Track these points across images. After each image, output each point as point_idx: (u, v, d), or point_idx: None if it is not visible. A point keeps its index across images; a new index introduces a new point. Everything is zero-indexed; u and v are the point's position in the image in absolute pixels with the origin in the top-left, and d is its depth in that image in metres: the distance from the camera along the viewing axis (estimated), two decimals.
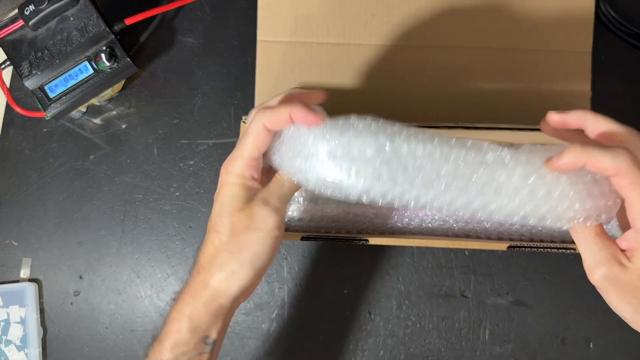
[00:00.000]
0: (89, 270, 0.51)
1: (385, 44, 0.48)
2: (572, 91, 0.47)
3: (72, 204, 0.52)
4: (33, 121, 0.53)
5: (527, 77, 0.48)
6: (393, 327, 0.49)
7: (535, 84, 0.47)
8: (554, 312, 0.49)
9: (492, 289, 0.49)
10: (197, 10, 0.54)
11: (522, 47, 0.47)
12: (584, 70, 0.47)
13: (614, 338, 0.48)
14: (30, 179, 0.52)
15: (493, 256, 0.49)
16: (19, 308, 0.50)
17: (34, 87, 0.46)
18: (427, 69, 0.48)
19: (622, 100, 0.51)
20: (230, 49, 0.53)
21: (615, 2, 0.52)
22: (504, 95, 0.47)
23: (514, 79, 0.48)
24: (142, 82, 0.53)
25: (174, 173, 0.52)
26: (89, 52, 0.47)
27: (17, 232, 0.52)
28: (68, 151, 0.53)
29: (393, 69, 0.48)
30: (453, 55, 0.48)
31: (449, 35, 0.48)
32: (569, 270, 0.49)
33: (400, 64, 0.48)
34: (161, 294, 0.51)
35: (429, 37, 0.48)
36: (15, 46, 0.46)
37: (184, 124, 0.52)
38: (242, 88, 0.52)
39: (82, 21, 0.46)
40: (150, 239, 0.51)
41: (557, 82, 0.47)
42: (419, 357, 0.49)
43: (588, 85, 0.47)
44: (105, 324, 0.51)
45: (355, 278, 0.50)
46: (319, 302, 0.50)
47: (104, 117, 0.53)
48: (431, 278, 0.49)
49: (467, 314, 0.49)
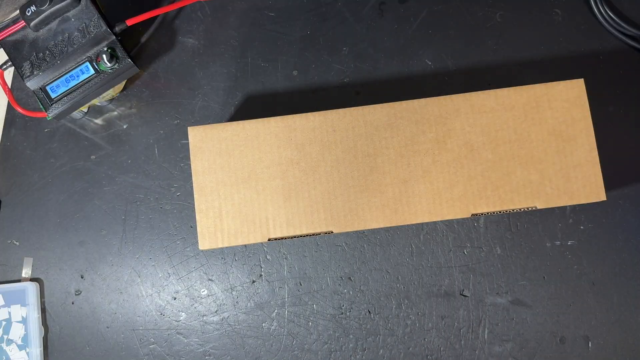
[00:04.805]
0: (90, 270, 0.51)
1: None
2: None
3: (74, 204, 0.52)
4: (34, 121, 0.53)
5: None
6: (392, 326, 0.49)
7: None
8: (552, 311, 0.49)
9: (491, 288, 0.49)
10: (197, 11, 0.54)
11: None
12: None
13: (612, 337, 0.48)
14: (32, 179, 0.53)
15: (492, 255, 0.50)
16: (20, 307, 0.50)
17: (35, 87, 0.47)
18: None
19: (621, 102, 0.51)
20: (231, 49, 0.54)
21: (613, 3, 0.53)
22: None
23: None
24: (143, 82, 0.54)
25: (175, 173, 0.52)
26: (90, 53, 0.47)
27: (19, 232, 0.52)
28: (69, 151, 0.53)
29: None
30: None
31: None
32: (567, 269, 0.49)
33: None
34: (162, 293, 0.51)
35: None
36: (16, 47, 0.46)
37: (185, 124, 0.53)
38: (242, 88, 0.53)
39: (84, 22, 0.46)
40: (151, 238, 0.51)
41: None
42: (418, 356, 0.49)
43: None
44: (106, 323, 0.51)
45: (355, 277, 0.50)
46: (319, 301, 0.50)
47: (105, 117, 0.53)
48: (430, 277, 0.50)
49: (467, 313, 0.49)
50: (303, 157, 0.43)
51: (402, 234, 0.50)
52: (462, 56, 0.52)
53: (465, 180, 0.42)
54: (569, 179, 0.42)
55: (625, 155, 0.50)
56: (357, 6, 0.54)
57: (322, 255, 0.50)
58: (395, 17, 0.53)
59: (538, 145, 0.43)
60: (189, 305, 0.51)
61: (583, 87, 0.43)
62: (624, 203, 0.50)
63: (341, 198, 0.42)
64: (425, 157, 0.43)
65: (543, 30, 0.53)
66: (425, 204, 0.42)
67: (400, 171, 0.43)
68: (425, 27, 0.53)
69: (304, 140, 0.43)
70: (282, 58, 0.53)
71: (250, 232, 0.42)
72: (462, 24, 0.53)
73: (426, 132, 0.43)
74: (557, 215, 0.50)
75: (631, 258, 0.49)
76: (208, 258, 0.51)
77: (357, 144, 0.43)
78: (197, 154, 0.43)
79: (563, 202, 0.42)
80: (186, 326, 0.50)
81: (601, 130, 0.49)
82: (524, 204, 0.42)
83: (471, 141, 0.43)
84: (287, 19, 0.54)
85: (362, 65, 0.53)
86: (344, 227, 0.42)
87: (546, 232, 0.50)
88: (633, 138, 0.51)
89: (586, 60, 0.52)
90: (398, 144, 0.43)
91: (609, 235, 0.50)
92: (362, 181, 0.43)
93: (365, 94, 0.52)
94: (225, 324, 0.50)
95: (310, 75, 0.53)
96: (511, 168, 0.42)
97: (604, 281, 0.49)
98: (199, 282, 0.51)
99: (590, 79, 0.50)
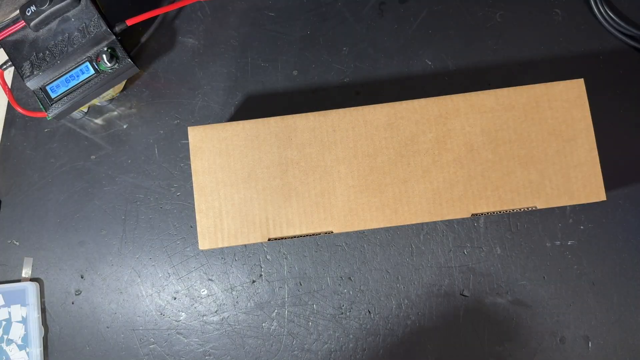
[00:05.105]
0: (90, 270, 0.51)
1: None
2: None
3: (74, 204, 0.52)
4: (34, 121, 0.53)
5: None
6: (392, 326, 0.49)
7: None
8: (552, 311, 0.49)
9: (491, 288, 0.49)
10: (197, 11, 0.54)
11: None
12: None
13: (612, 337, 0.48)
14: (32, 179, 0.53)
15: (492, 255, 0.50)
16: (20, 307, 0.50)
17: (35, 87, 0.47)
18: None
19: (621, 102, 0.51)
20: (231, 49, 0.54)
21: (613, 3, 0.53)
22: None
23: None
24: (143, 82, 0.54)
25: (175, 173, 0.52)
26: (90, 53, 0.47)
27: (19, 232, 0.52)
28: (69, 151, 0.53)
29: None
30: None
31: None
32: (567, 269, 0.49)
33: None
34: (162, 293, 0.51)
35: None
36: (16, 47, 0.46)
37: (185, 124, 0.53)
38: (242, 88, 0.53)
39: (84, 22, 0.46)
40: (151, 238, 0.51)
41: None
42: (418, 356, 0.49)
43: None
44: (106, 323, 0.51)
45: (355, 277, 0.50)
46: (319, 301, 0.50)
47: (105, 117, 0.53)
48: (430, 277, 0.50)
49: (467, 313, 0.49)
50: (303, 157, 0.43)
51: (402, 234, 0.50)
52: (462, 56, 0.52)
53: (465, 180, 0.42)
54: (569, 179, 0.42)
55: (625, 155, 0.50)
56: (357, 6, 0.54)
57: (322, 255, 0.50)
58: (395, 17, 0.53)
59: (538, 145, 0.43)
60: (189, 305, 0.51)
61: (583, 87, 0.43)
62: (624, 203, 0.50)
63: (341, 198, 0.42)
64: (425, 157, 0.43)
65: (543, 30, 0.53)
66: (425, 204, 0.42)
67: (400, 171, 0.43)
68: (425, 27, 0.53)
69: (304, 140, 0.43)
70: (282, 58, 0.53)
71: (250, 232, 0.42)
72: (462, 24, 0.53)
73: (426, 132, 0.43)
74: (557, 215, 0.50)
75: (631, 258, 0.49)
76: (208, 258, 0.51)
77: (357, 144, 0.43)
78: (197, 154, 0.43)
79: (563, 202, 0.42)
80: (186, 326, 0.50)
81: (601, 130, 0.49)
82: (524, 204, 0.42)
83: (471, 141, 0.43)
84: (287, 19, 0.54)
85: (362, 65, 0.53)
86: (344, 227, 0.42)
87: (546, 232, 0.50)
88: (633, 138, 0.51)
89: (586, 60, 0.52)
90: (398, 144, 0.43)
91: (609, 235, 0.50)
92: (362, 181, 0.43)
93: (365, 94, 0.52)
94: (225, 324, 0.50)
95: (310, 75, 0.53)
96: (511, 168, 0.42)
97: (604, 281, 0.49)
98: (199, 282, 0.51)
99: (590, 79, 0.50)
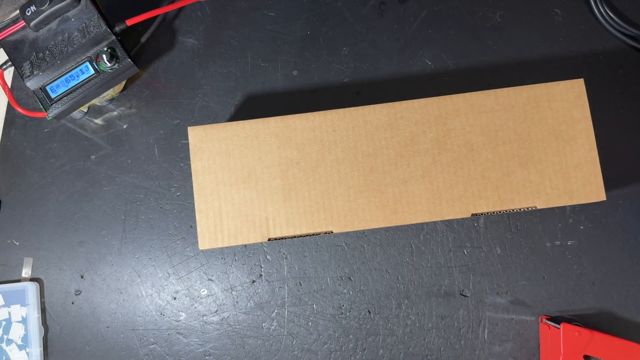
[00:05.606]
0: (90, 270, 0.51)
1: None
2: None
3: (73, 204, 0.52)
4: (34, 121, 0.53)
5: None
6: (392, 326, 0.49)
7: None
8: (552, 311, 0.49)
9: (491, 288, 0.49)
10: (197, 11, 0.54)
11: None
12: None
13: None
14: (32, 179, 0.53)
15: (492, 255, 0.50)
16: (20, 307, 0.50)
17: (35, 87, 0.47)
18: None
19: (621, 102, 0.51)
20: (231, 49, 0.54)
21: (613, 3, 0.53)
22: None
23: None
24: (143, 82, 0.54)
25: (175, 173, 0.52)
26: (90, 53, 0.47)
27: (19, 232, 0.52)
28: (69, 151, 0.53)
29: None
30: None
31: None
32: (567, 269, 0.49)
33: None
34: (162, 293, 0.51)
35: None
36: (16, 47, 0.46)
37: (185, 124, 0.53)
38: (242, 88, 0.53)
39: (83, 22, 0.46)
40: (151, 238, 0.51)
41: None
42: (418, 356, 0.49)
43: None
44: (106, 323, 0.51)
45: (355, 277, 0.50)
46: (319, 301, 0.50)
47: (105, 117, 0.53)
48: (430, 277, 0.50)
49: (467, 313, 0.49)
50: (303, 157, 0.43)
51: (402, 234, 0.50)
52: (462, 56, 0.52)
53: (465, 180, 0.42)
54: (569, 179, 0.42)
55: (625, 155, 0.50)
56: (357, 6, 0.54)
57: (322, 255, 0.50)
58: (395, 17, 0.53)
59: (538, 145, 0.43)
60: (189, 305, 0.51)
61: (583, 87, 0.43)
62: (624, 203, 0.50)
63: (341, 198, 0.42)
64: (425, 157, 0.43)
65: (543, 30, 0.53)
66: (425, 204, 0.42)
67: (400, 171, 0.43)
68: (425, 27, 0.53)
69: (304, 140, 0.43)
70: (282, 58, 0.53)
71: (250, 232, 0.42)
72: (462, 24, 0.53)
73: (426, 132, 0.43)
74: (557, 215, 0.50)
75: (631, 258, 0.49)
76: (208, 258, 0.51)
77: (357, 144, 0.43)
78: (197, 154, 0.43)
79: (563, 202, 0.42)
80: (186, 326, 0.50)
81: (601, 130, 0.49)
82: (524, 204, 0.42)
83: (471, 141, 0.43)
84: (287, 19, 0.54)
85: (362, 65, 0.53)
86: (344, 227, 0.42)
87: (546, 232, 0.50)
88: (633, 138, 0.51)
89: (586, 60, 0.52)
90: (398, 144, 0.43)
91: (609, 235, 0.50)
92: (362, 181, 0.43)
93: (365, 94, 0.52)
94: (225, 324, 0.50)
95: (310, 75, 0.53)
96: (511, 168, 0.42)
97: (604, 281, 0.49)
98: (199, 282, 0.51)
99: (590, 79, 0.50)
